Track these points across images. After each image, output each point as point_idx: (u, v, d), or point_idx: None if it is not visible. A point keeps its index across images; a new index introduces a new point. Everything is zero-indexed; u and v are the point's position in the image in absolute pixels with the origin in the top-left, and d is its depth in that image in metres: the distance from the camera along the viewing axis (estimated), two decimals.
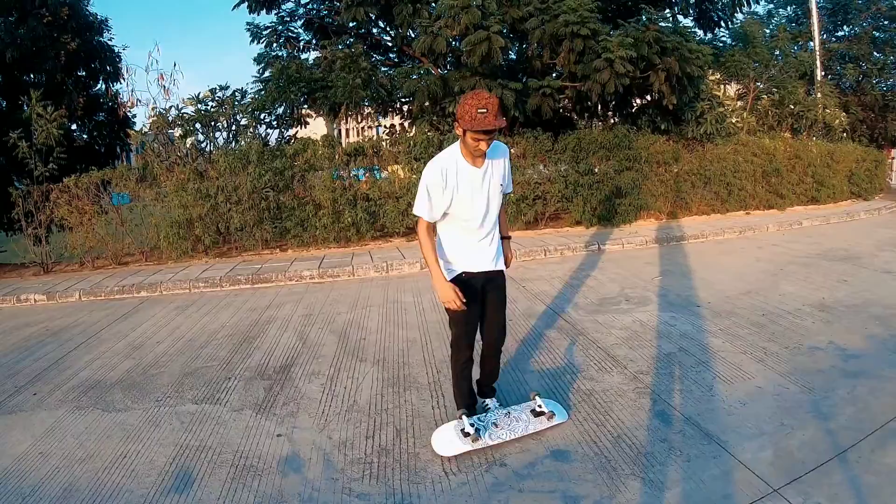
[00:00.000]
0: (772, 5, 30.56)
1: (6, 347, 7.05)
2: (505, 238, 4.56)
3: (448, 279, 3.99)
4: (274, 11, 16.35)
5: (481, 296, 4.26)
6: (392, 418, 4.60)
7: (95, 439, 4.44)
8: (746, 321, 6.79)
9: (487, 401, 4.60)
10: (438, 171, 3.87)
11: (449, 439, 4.08)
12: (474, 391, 4.53)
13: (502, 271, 4.38)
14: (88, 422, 4.76)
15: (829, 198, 18.05)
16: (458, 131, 3.81)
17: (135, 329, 7.47)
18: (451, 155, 3.95)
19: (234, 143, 13.07)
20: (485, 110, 3.58)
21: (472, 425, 4.07)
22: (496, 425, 4.21)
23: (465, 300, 3.95)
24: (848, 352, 5.77)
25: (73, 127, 14.85)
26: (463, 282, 4.09)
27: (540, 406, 4.36)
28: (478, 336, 4.38)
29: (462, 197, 3.93)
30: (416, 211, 3.97)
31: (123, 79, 16.03)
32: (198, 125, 12.62)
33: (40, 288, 9.76)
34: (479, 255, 4.18)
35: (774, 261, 10.07)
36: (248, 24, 16.38)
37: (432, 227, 4.09)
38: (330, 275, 9.91)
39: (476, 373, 4.61)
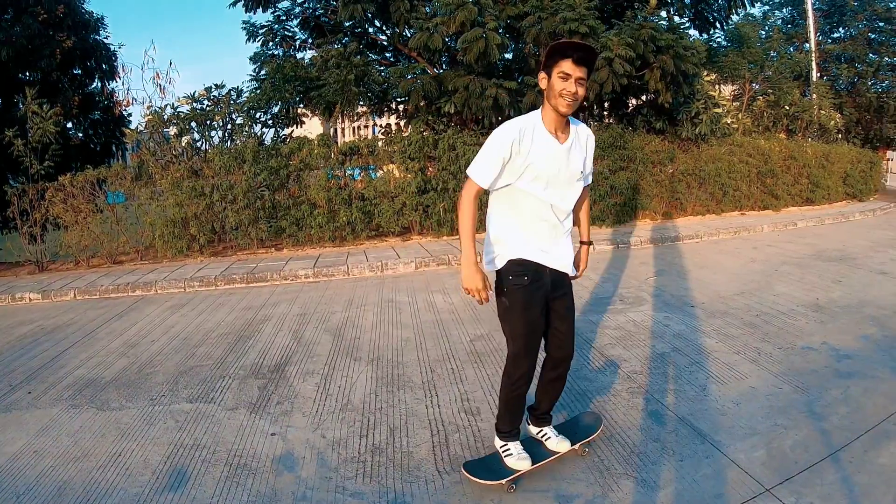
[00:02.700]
0: (767, 7, 30.64)
1: (1, 346, 7.05)
2: (584, 243, 3.94)
3: (497, 267, 3.52)
4: (270, 10, 16.34)
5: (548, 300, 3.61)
6: (386, 417, 4.62)
7: (90, 438, 4.45)
8: (740, 321, 6.83)
9: (546, 429, 3.98)
10: (516, 130, 3.25)
11: (495, 471, 3.67)
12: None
13: (570, 276, 3.72)
14: (83, 420, 4.76)
15: (823, 199, 18.12)
16: (542, 83, 3.28)
17: (130, 328, 7.48)
18: (532, 119, 3.35)
19: (229, 142, 13.06)
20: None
21: (524, 452, 3.73)
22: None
23: (527, 301, 3.46)
24: (841, 352, 5.81)
25: (69, 125, 14.82)
26: (533, 278, 3.46)
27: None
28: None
29: (537, 170, 3.30)
30: (470, 170, 3.37)
31: (119, 77, 16.04)
32: (193, 124, 12.61)
33: (35, 286, 9.76)
34: (553, 247, 3.53)
35: (769, 261, 10.11)
36: (244, 22, 16.39)
37: (477, 199, 3.42)
38: (325, 274, 9.92)
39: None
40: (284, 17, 16.85)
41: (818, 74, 24.83)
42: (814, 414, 4.48)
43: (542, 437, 3.95)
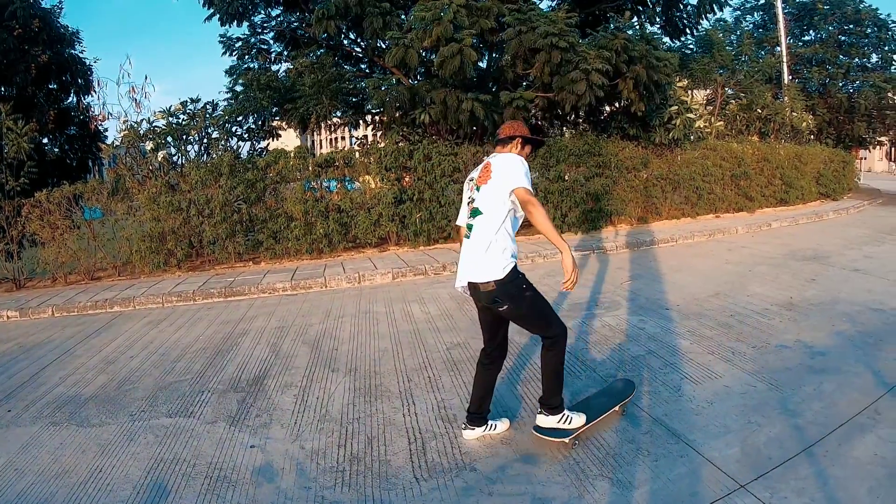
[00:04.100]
0: (739, 12, 31.00)
1: None
2: None
3: (508, 272, 3.94)
4: (245, 23, 16.36)
5: None
6: (364, 427, 4.68)
7: (70, 454, 4.46)
8: (714, 322, 6.94)
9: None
10: None
11: (560, 433, 4.18)
12: None
13: None
14: (63, 437, 4.78)
15: (797, 199, 18.40)
16: (519, 146, 4.27)
17: (108, 344, 7.47)
18: None
19: (205, 156, 13.05)
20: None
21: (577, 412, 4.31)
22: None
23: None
24: (815, 349, 5.94)
25: (45, 141, 14.78)
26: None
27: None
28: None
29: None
30: (526, 184, 3.82)
31: (95, 92, 16.02)
32: (169, 138, 12.59)
33: (13, 304, 9.71)
34: None
35: (743, 262, 10.25)
36: (220, 36, 16.43)
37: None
38: (303, 286, 9.95)
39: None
40: (260, 31, 16.89)
41: (790, 77, 25.22)
42: (788, 410, 4.58)
43: (488, 429, 4.47)
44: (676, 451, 4.07)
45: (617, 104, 16.02)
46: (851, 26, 27.47)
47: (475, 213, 4.07)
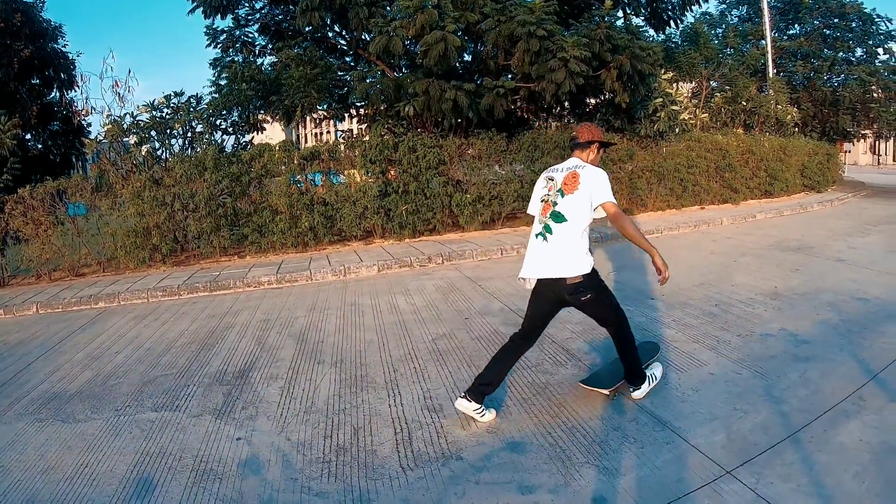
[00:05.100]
0: (724, 5, 31.13)
1: None
2: None
3: (588, 270, 4.30)
4: (229, 16, 16.26)
5: None
6: (349, 418, 4.69)
7: (56, 451, 4.45)
8: (699, 311, 6.99)
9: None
10: None
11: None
12: None
13: None
14: (49, 434, 4.76)
15: (782, 191, 18.50)
16: (595, 152, 4.67)
17: (93, 340, 7.43)
18: None
19: (190, 150, 12.99)
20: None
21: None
22: None
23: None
24: (799, 337, 6.00)
25: (28, 136, 14.64)
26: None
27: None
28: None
29: None
30: (611, 198, 4.28)
31: (78, 86, 15.90)
32: (153, 132, 12.52)
33: None
34: None
35: (728, 253, 10.31)
36: (206, 27, 16.27)
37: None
38: (288, 280, 9.93)
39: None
40: (244, 23, 16.80)
41: (774, 71, 25.31)
42: (773, 397, 4.63)
43: (477, 412, 4.58)
44: (662, 438, 4.11)
45: (602, 97, 16.06)
46: (836, 20, 27.66)
47: (558, 218, 4.34)
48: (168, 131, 12.73)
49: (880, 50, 27.69)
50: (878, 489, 3.44)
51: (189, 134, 13.13)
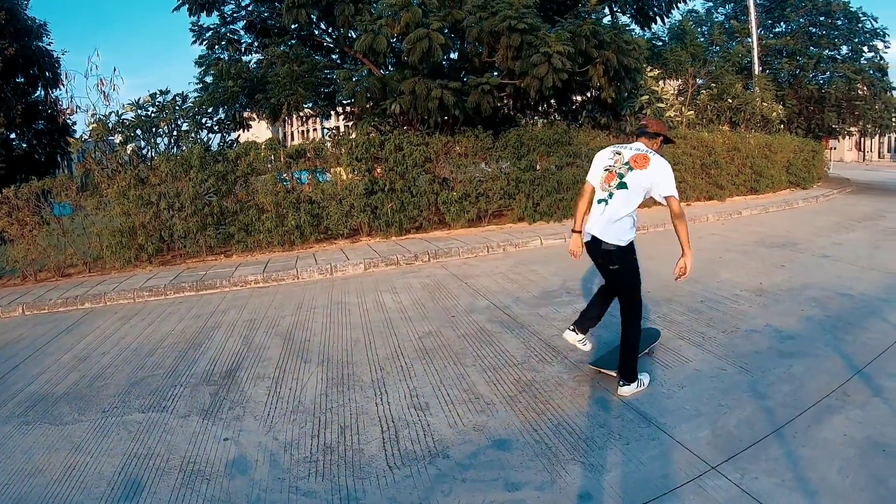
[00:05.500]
0: (710, 3, 31.26)
1: None
2: None
3: (626, 243, 4.86)
4: (215, 13, 16.16)
5: None
6: (336, 417, 4.72)
7: (44, 453, 4.44)
8: (685, 307, 7.07)
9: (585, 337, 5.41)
10: None
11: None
12: None
13: None
14: (36, 436, 4.75)
15: (767, 187, 18.66)
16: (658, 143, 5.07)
17: (80, 341, 7.39)
18: None
19: (175, 149, 12.93)
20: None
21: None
22: None
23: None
24: (784, 333, 6.08)
25: (12, 136, 14.52)
26: None
27: None
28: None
29: None
30: (675, 191, 4.77)
31: (63, 85, 15.72)
32: (138, 131, 12.46)
33: None
34: None
35: (714, 249, 10.38)
36: (192, 24, 16.16)
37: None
38: (274, 279, 9.92)
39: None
40: (230, 20, 16.72)
41: (760, 68, 25.47)
42: (757, 393, 4.69)
43: (580, 342, 5.35)
44: (648, 434, 4.16)
45: (588, 94, 16.10)
46: (822, 18, 27.85)
47: (621, 185, 4.76)
48: (153, 130, 12.67)
49: (865, 48, 27.88)
50: (863, 483, 3.51)
51: (175, 132, 13.08)
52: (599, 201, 4.87)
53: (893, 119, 28.55)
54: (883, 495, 3.42)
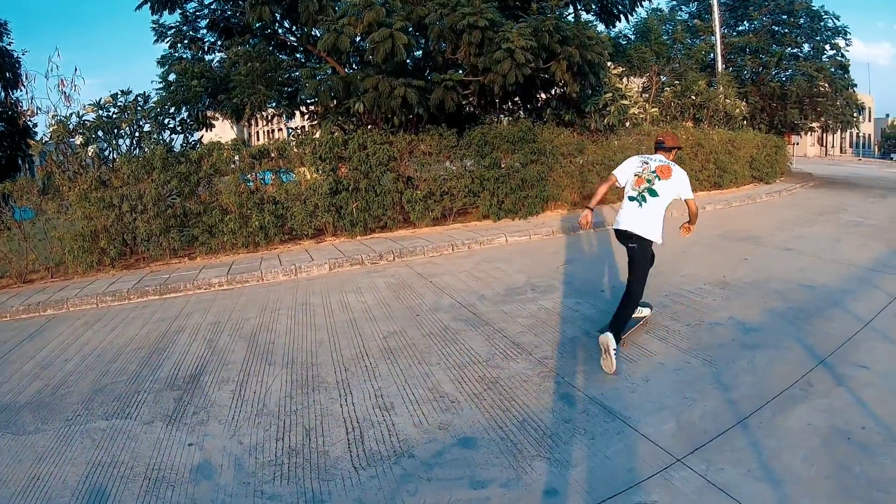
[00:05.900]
0: (674, 2, 31.52)
1: None
2: None
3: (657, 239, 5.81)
4: (178, 11, 15.98)
5: None
6: (301, 419, 4.74)
7: (6, 464, 4.39)
8: (650, 302, 7.10)
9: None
10: None
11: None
12: None
13: None
14: None
15: (731, 182, 18.94)
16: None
17: (42, 349, 7.28)
18: None
19: (137, 150, 12.78)
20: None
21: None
22: None
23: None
24: (747, 325, 6.22)
25: None
26: None
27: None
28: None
29: None
30: (692, 194, 6.00)
31: (23, 86, 15.53)
32: (100, 132, 12.27)
33: None
34: None
35: (677, 244, 10.46)
36: (153, 22, 15.98)
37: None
38: (239, 280, 9.87)
39: None
40: (193, 19, 16.56)
41: (724, 66, 25.78)
42: (722, 385, 4.80)
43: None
44: (613, 428, 4.23)
45: (552, 91, 16.18)
46: (785, 17, 28.25)
47: (653, 193, 5.75)
48: (115, 131, 12.49)
49: (827, 46, 28.29)
50: (828, 472, 3.61)
51: (136, 133, 12.91)
52: (631, 199, 5.87)
53: (855, 115, 29.03)
54: (848, 482, 3.52)
